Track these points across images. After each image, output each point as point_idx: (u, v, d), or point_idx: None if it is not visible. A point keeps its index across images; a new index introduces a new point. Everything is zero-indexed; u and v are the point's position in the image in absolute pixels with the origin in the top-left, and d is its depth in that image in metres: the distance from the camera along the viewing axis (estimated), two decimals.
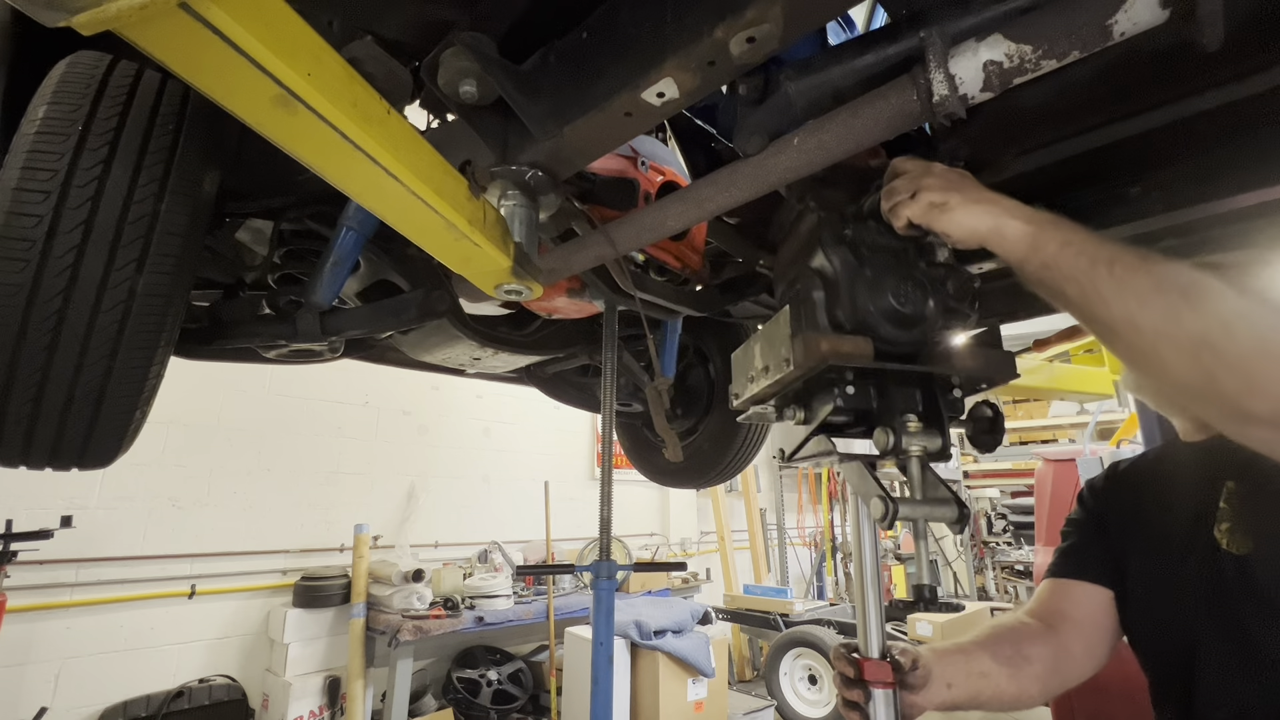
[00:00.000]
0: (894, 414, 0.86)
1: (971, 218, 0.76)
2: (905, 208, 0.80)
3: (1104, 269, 0.67)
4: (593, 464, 6.05)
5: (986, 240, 0.76)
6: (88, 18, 0.45)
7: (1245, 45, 0.78)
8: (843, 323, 0.85)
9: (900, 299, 0.83)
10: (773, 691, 4.81)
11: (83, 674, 3.27)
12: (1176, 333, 0.63)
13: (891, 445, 0.83)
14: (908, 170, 0.84)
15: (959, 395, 0.90)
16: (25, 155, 0.90)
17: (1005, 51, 0.66)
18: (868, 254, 0.87)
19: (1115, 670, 1.07)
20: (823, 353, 0.79)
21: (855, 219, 0.90)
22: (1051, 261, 0.72)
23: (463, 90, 0.89)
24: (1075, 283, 0.70)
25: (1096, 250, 0.69)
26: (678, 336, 1.87)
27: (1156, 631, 1.00)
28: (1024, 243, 0.74)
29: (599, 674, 1.64)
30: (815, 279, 0.87)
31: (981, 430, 0.91)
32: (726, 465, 2.24)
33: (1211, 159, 1.02)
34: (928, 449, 0.84)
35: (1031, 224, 0.74)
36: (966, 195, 0.78)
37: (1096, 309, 0.69)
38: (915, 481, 0.85)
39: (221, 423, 3.90)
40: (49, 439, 1.00)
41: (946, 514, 0.83)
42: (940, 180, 0.80)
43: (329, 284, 1.35)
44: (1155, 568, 1.00)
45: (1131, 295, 0.66)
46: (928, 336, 0.86)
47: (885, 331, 0.83)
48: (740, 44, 0.70)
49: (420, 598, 3.70)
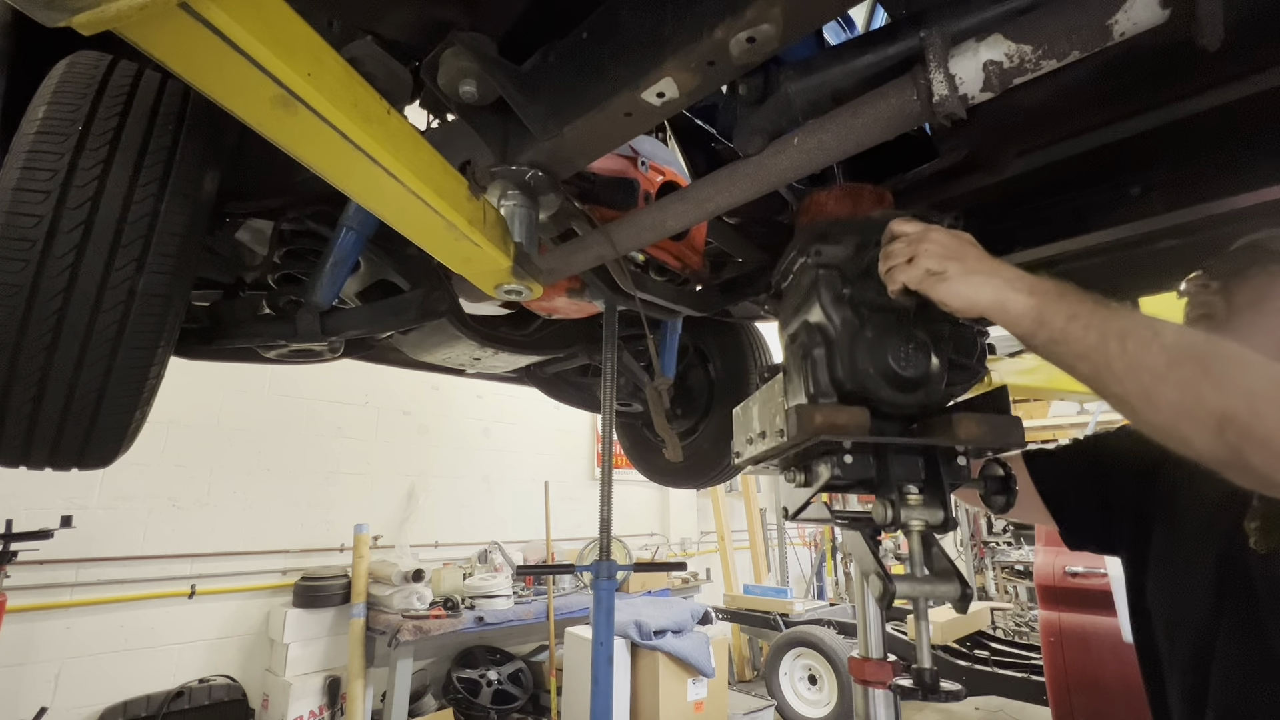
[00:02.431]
0: (893, 485, 0.82)
1: (971, 289, 0.74)
2: (901, 273, 0.78)
3: (1115, 344, 0.65)
4: (593, 464, 6.05)
5: (988, 313, 0.74)
6: (88, 18, 0.45)
7: (1245, 45, 0.78)
8: (843, 382, 0.82)
9: (901, 361, 0.80)
10: (773, 691, 4.82)
11: (83, 674, 3.27)
12: (1197, 410, 0.61)
13: (890, 519, 0.80)
14: (905, 233, 0.81)
15: (964, 463, 0.85)
16: (25, 155, 0.91)
17: (1005, 51, 0.66)
18: (868, 314, 0.84)
19: (1115, 670, 1.06)
20: (816, 425, 0.76)
21: (856, 278, 0.87)
22: (1059, 337, 0.69)
23: (463, 90, 0.89)
24: (1087, 360, 0.67)
25: (1105, 323, 0.67)
26: (678, 336, 1.87)
27: (1170, 624, 0.96)
28: (1028, 317, 0.71)
29: (599, 674, 1.64)
30: (815, 335, 0.86)
31: (993, 490, 0.87)
32: (726, 465, 2.24)
33: (1211, 159, 1.02)
34: (929, 523, 0.81)
35: (1035, 296, 0.71)
36: (965, 265, 0.75)
37: (1111, 386, 0.66)
38: (915, 558, 0.81)
39: (221, 423, 3.90)
40: (49, 439, 1.00)
41: (948, 593, 0.80)
42: (939, 247, 0.77)
43: (329, 284, 1.35)
44: (1174, 550, 0.96)
45: (1146, 372, 0.63)
46: (931, 399, 0.83)
47: (886, 394, 0.80)
48: (740, 44, 0.70)
49: (420, 598, 3.70)
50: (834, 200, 1.00)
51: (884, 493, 0.82)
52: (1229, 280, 0.93)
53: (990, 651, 4.46)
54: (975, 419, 0.78)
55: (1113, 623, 2.85)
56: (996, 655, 4.36)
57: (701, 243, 1.52)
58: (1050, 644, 3.15)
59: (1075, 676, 3.01)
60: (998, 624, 5.05)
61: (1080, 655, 3.01)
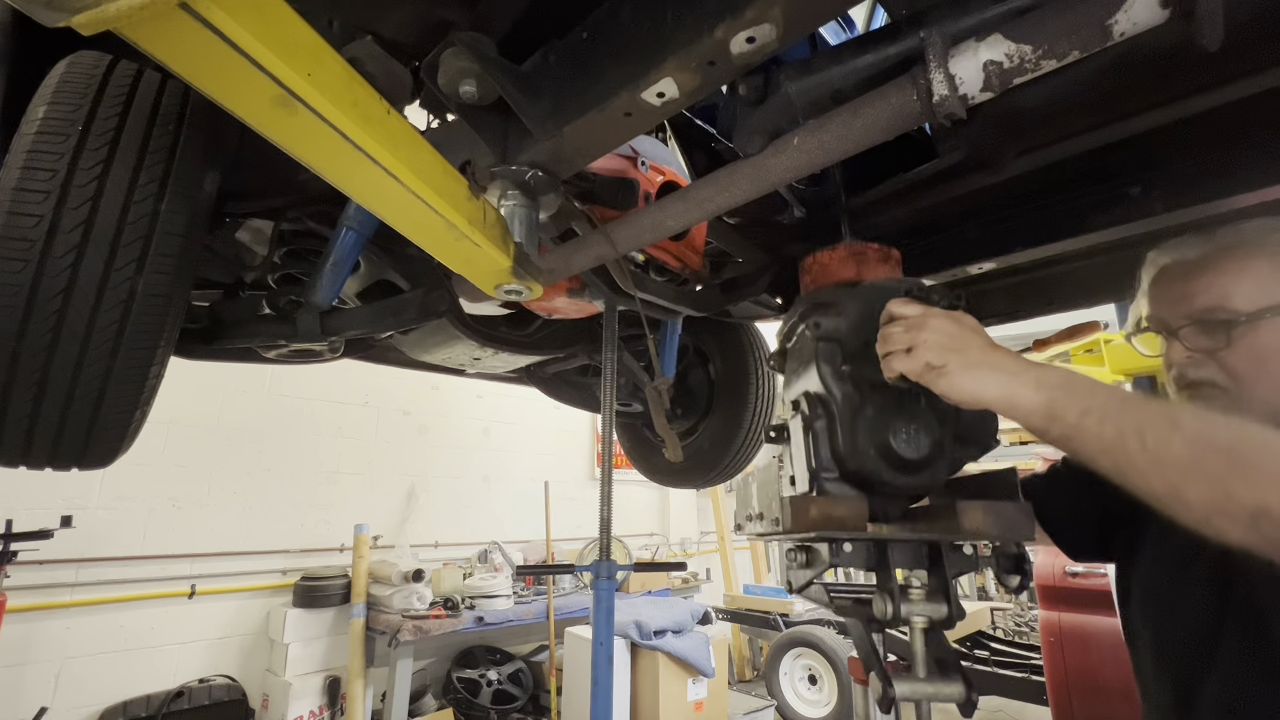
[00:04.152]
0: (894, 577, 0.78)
1: (974, 384, 0.71)
2: (899, 362, 0.75)
3: (1134, 441, 0.63)
4: (593, 464, 6.05)
5: (994, 408, 0.72)
6: (88, 18, 0.45)
7: (1245, 45, 0.78)
8: (844, 460, 0.80)
9: (904, 442, 0.76)
10: (773, 691, 4.81)
11: (83, 674, 3.27)
12: (1229, 505, 0.59)
13: (891, 614, 0.76)
14: (905, 316, 0.78)
15: (970, 551, 0.82)
16: (25, 155, 0.90)
17: (1005, 51, 0.66)
18: (869, 391, 0.81)
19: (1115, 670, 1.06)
20: (811, 519, 0.74)
21: (856, 352, 0.84)
22: (1074, 434, 0.67)
23: (463, 90, 0.89)
24: (1107, 455, 0.65)
25: (1120, 417, 0.64)
26: (678, 336, 1.87)
27: (1165, 624, 0.95)
28: (1039, 413, 0.69)
29: (599, 674, 1.64)
30: (817, 407, 0.83)
31: (1005, 570, 0.82)
32: (726, 465, 2.24)
33: (1211, 159, 1.02)
34: (932, 619, 0.77)
35: (1043, 390, 0.69)
36: (967, 357, 0.72)
37: (1136, 482, 0.64)
38: (918, 657, 0.77)
39: (221, 423, 3.90)
40: (49, 439, 1.00)
41: (953, 694, 0.76)
42: (939, 336, 0.74)
43: (329, 284, 1.35)
44: (1168, 550, 0.94)
45: (1171, 469, 0.61)
46: (936, 479, 0.80)
47: (887, 476, 0.77)
48: (740, 44, 0.70)
49: (420, 598, 3.70)
50: (837, 261, 0.96)
51: (885, 584, 0.78)
52: (1212, 352, 0.88)
53: (990, 651, 4.46)
54: (981, 509, 0.74)
55: (1113, 623, 2.85)
56: (996, 655, 4.36)
57: (701, 243, 1.52)
58: (1050, 644, 3.15)
59: (1075, 676, 3.01)
60: (998, 624, 5.04)
61: (1080, 655, 3.01)
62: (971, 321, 0.77)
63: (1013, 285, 1.61)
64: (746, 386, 2.13)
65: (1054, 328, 3.38)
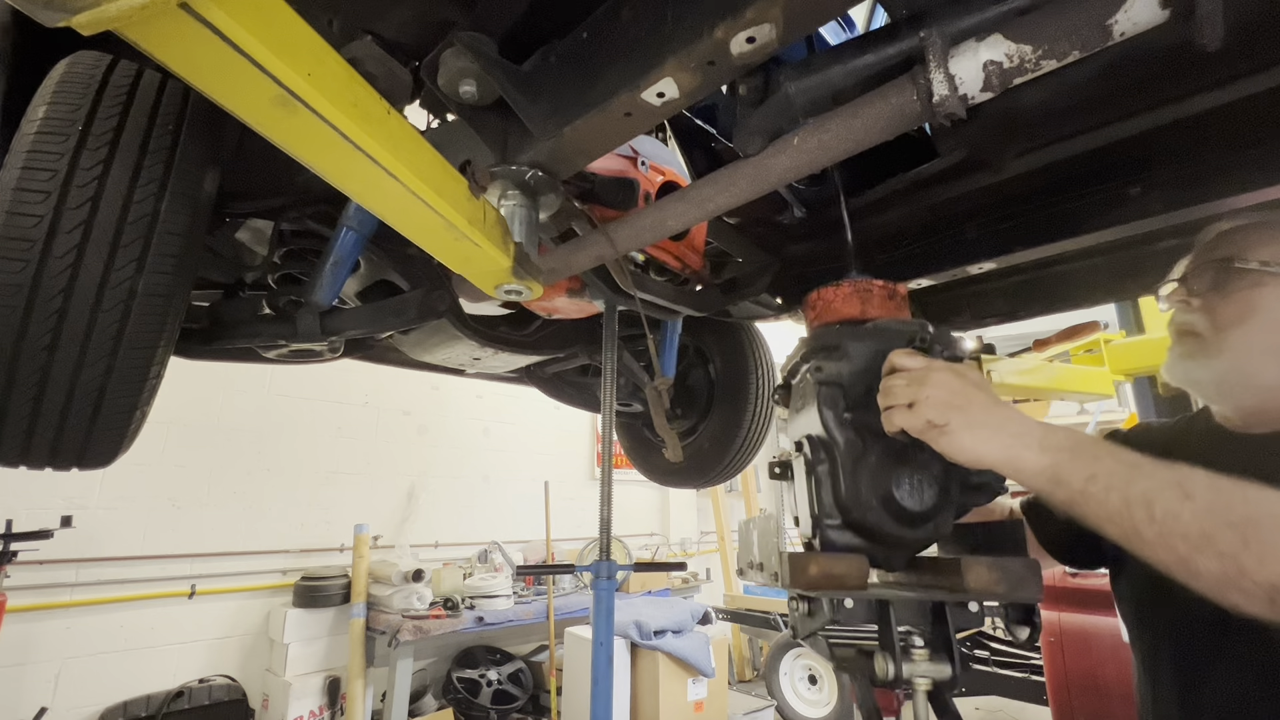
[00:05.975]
0: (896, 635, 0.76)
1: (977, 444, 0.70)
2: (900, 417, 0.74)
3: (1142, 512, 0.62)
4: (593, 464, 6.05)
5: (996, 469, 0.71)
6: (88, 18, 0.45)
7: (1245, 45, 0.78)
8: (847, 509, 0.79)
9: (907, 494, 0.75)
10: (773, 691, 4.81)
11: (83, 674, 3.27)
12: (1243, 582, 0.57)
13: (893, 675, 0.73)
14: (907, 369, 0.77)
15: (975, 609, 0.79)
16: (25, 155, 0.90)
17: (1005, 51, 0.66)
18: (872, 439, 0.80)
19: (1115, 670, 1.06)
20: (810, 578, 0.73)
21: (858, 399, 0.83)
22: (1079, 499, 0.66)
23: (463, 90, 0.89)
24: (1114, 524, 0.64)
25: (1127, 485, 0.63)
26: (678, 336, 1.87)
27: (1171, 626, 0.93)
28: (1043, 477, 0.68)
29: (599, 674, 1.64)
30: (819, 451, 0.82)
31: (1015, 620, 0.80)
32: (726, 465, 2.24)
33: (1211, 159, 1.02)
34: (935, 680, 0.74)
35: (1047, 453, 0.68)
36: (969, 416, 0.71)
37: (1145, 553, 0.63)
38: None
39: (221, 423, 3.90)
40: (49, 439, 1.00)
41: None
42: (941, 392, 0.72)
43: (329, 284, 1.35)
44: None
45: (1181, 543, 0.60)
46: (940, 531, 0.79)
47: (890, 529, 0.76)
48: (740, 44, 0.70)
49: (420, 598, 3.70)
50: (842, 299, 0.94)
51: (886, 643, 0.76)
52: (1209, 297, 0.90)
53: (990, 651, 4.46)
54: (987, 566, 0.72)
55: (1113, 623, 2.85)
56: (996, 655, 4.35)
57: (701, 243, 1.52)
58: (1050, 644, 3.15)
59: (1075, 676, 3.01)
60: (998, 624, 5.05)
61: (1080, 655, 3.01)
62: (976, 376, 0.76)
63: (1013, 285, 1.62)
64: (746, 386, 2.13)
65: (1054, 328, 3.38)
